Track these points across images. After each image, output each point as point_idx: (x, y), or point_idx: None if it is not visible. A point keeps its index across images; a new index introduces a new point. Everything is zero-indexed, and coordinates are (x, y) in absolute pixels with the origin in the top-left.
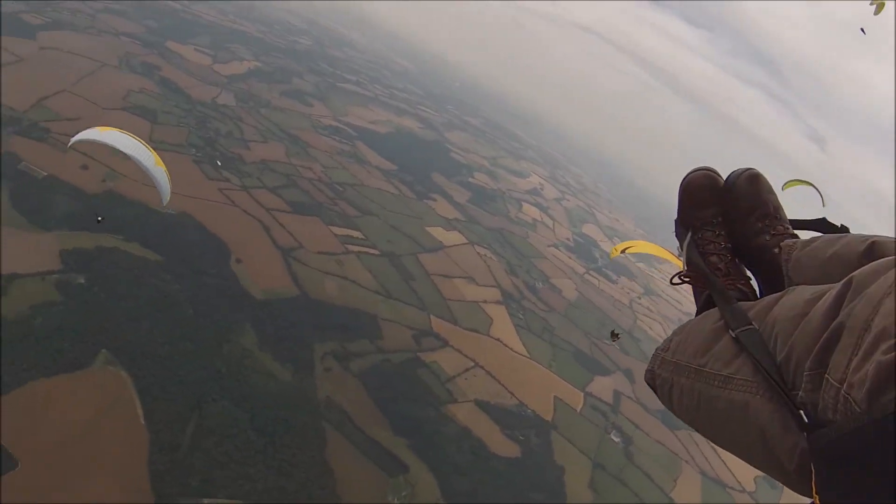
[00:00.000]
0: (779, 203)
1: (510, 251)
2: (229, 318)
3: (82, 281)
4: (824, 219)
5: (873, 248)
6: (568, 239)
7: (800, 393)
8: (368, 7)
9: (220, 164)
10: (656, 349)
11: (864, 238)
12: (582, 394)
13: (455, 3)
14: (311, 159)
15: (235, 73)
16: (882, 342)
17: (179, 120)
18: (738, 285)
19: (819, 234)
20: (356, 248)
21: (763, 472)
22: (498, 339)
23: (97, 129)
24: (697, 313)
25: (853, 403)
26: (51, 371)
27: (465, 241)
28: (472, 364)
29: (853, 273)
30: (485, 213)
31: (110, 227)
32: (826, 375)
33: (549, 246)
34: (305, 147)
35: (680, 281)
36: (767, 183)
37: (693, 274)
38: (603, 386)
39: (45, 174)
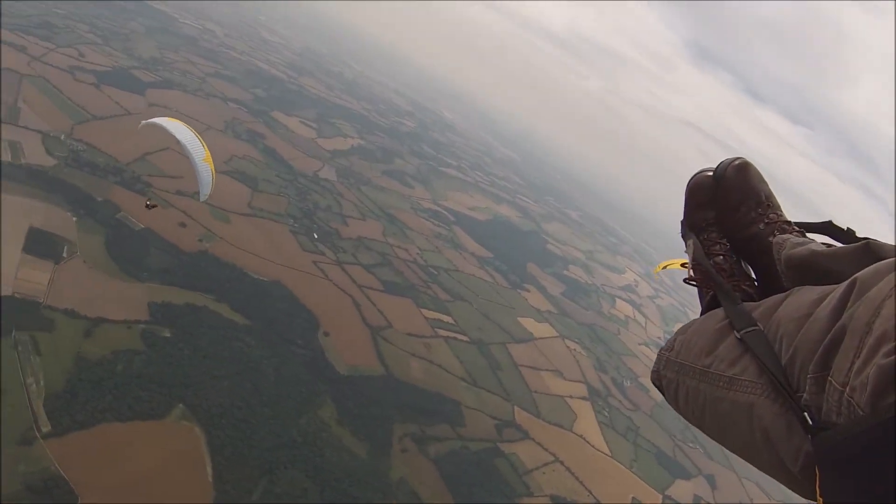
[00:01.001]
0: (770, 191)
1: (600, 347)
2: (311, 390)
3: (168, 334)
4: (830, 222)
5: (868, 247)
6: (659, 338)
7: (804, 395)
8: (475, 93)
9: (316, 236)
10: (660, 349)
11: (858, 238)
12: (661, 496)
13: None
14: (408, 240)
15: (339, 148)
16: (883, 345)
17: (280, 189)
18: (744, 286)
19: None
20: (445, 333)
21: (767, 473)
22: (580, 436)
23: (167, 118)
24: (702, 314)
25: (856, 407)
26: (125, 416)
27: (556, 334)
28: (552, 459)
29: (857, 274)
30: (577, 307)
31: (201, 287)
32: (829, 378)
33: (639, 344)
34: (403, 228)
35: (688, 282)
36: (758, 172)
37: (699, 275)
38: (683, 490)
39: (143, 227)
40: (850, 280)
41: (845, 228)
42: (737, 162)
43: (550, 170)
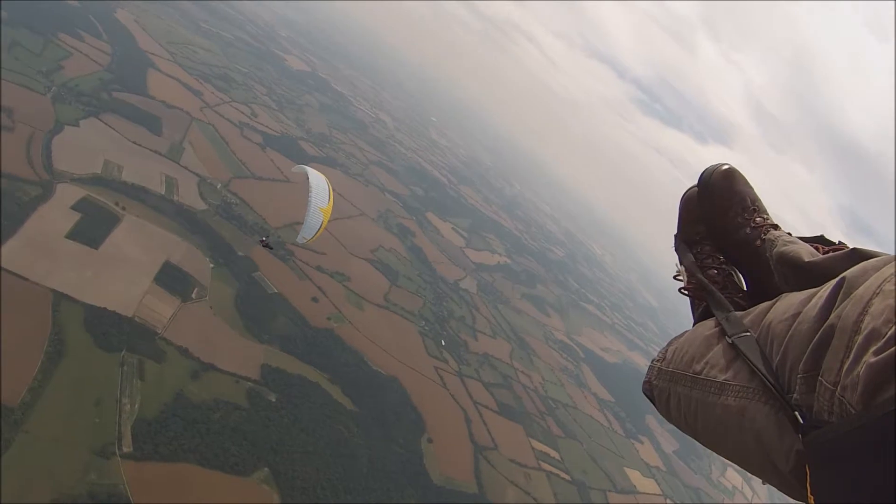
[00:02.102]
0: (756, 196)
1: None
2: (400, 490)
3: (273, 399)
4: (822, 236)
5: (856, 252)
6: None
7: (794, 395)
8: (631, 235)
9: (444, 343)
10: (652, 360)
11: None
12: None
13: None
14: (533, 368)
15: (484, 262)
16: (872, 344)
17: (418, 289)
18: (736, 298)
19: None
20: (549, 468)
21: (759, 477)
22: None
23: (317, 171)
24: (694, 325)
25: (848, 405)
26: (208, 463)
27: (660, 492)
28: None
29: (845, 273)
30: (688, 468)
31: (318, 363)
32: (820, 377)
33: None
34: (531, 354)
35: (682, 292)
36: (743, 177)
37: (691, 286)
38: None
39: (276, 291)
40: (838, 278)
41: (836, 242)
42: (722, 168)
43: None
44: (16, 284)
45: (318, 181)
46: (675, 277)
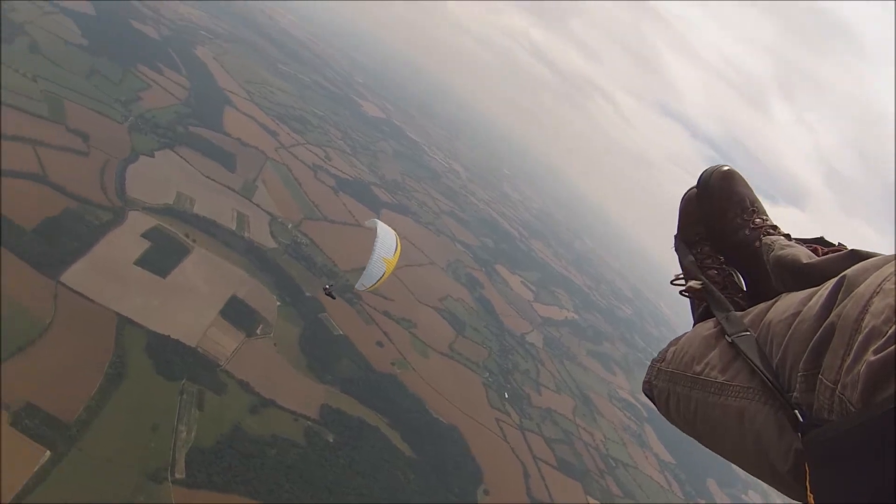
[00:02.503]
0: (755, 197)
1: None
2: None
3: (331, 439)
4: (821, 237)
5: (855, 254)
6: None
7: (794, 394)
8: None
9: (507, 396)
10: (652, 360)
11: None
12: None
13: None
14: (596, 425)
15: (552, 317)
16: (872, 342)
17: (484, 340)
18: (736, 298)
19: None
20: None
21: (758, 477)
22: None
23: (387, 226)
24: (694, 325)
25: (848, 404)
26: (261, 497)
27: None
28: None
29: (845, 271)
30: None
31: (379, 407)
32: (820, 376)
33: None
34: (594, 411)
35: (683, 293)
36: (742, 178)
37: (692, 288)
38: None
39: (341, 333)
40: (838, 277)
41: (836, 243)
42: (721, 169)
43: None
44: (81, 305)
45: (386, 233)
46: (672, 283)
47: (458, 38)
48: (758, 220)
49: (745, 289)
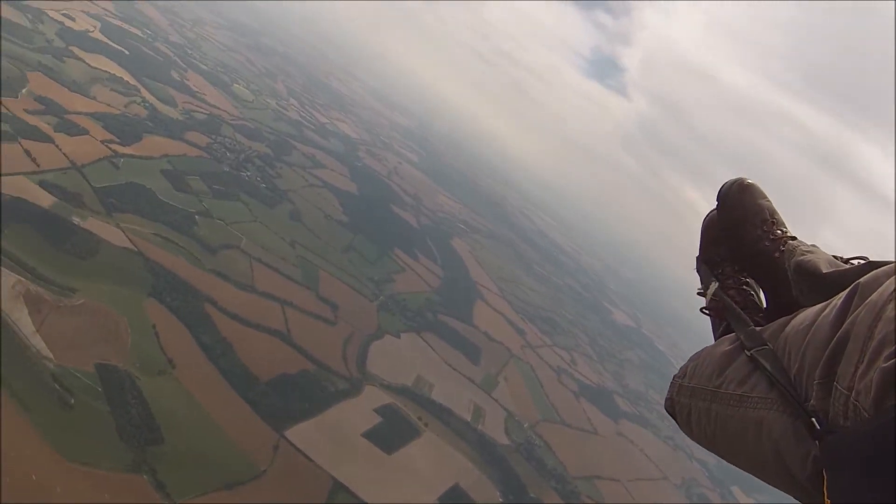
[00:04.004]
0: (774, 208)
1: None
2: None
3: None
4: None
5: (872, 264)
6: None
7: (811, 402)
8: None
9: None
10: (674, 377)
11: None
12: None
13: None
14: None
15: None
16: (885, 348)
17: None
18: (756, 318)
19: None
20: None
21: (777, 487)
22: None
23: None
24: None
25: (862, 409)
26: None
27: None
28: None
29: (859, 280)
30: None
31: None
32: (835, 383)
33: None
34: None
35: (703, 311)
36: (760, 190)
37: (713, 306)
38: None
39: None
40: (852, 286)
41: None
42: (738, 182)
43: None
44: (299, 462)
45: None
46: (699, 293)
47: None
48: (778, 231)
49: (764, 306)
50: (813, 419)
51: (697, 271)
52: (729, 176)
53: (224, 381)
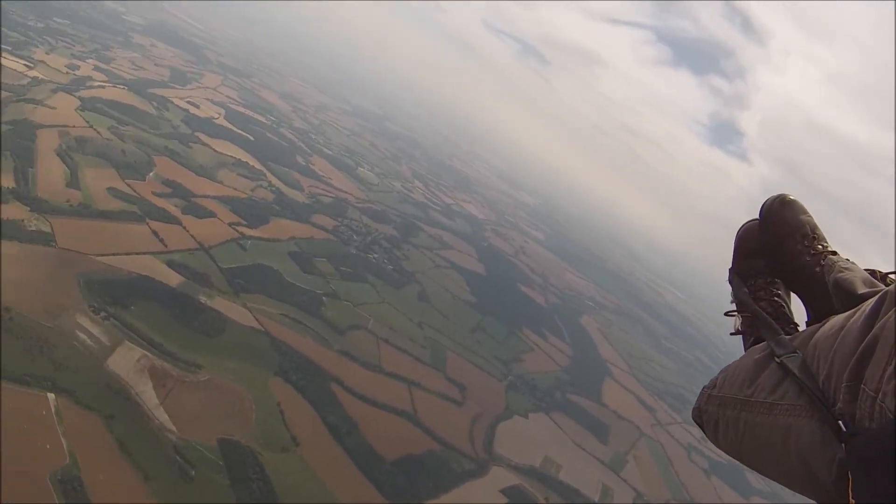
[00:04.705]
0: (815, 224)
1: None
2: None
3: None
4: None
5: None
6: None
7: (838, 406)
8: None
9: None
10: (703, 387)
11: None
12: None
13: None
14: None
15: None
16: None
17: None
18: (787, 328)
19: None
20: None
21: (802, 493)
22: None
23: None
24: None
25: (888, 411)
26: None
27: None
28: None
29: (887, 288)
30: None
31: None
32: (862, 386)
33: None
34: None
35: (734, 331)
36: (801, 205)
37: (745, 319)
38: None
39: None
40: (881, 293)
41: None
42: (780, 197)
43: None
44: None
45: None
46: (726, 314)
47: None
48: (819, 246)
49: (795, 320)
50: (840, 422)
51: (730, 282)
52: (849, 227)
53: (349, 461)
